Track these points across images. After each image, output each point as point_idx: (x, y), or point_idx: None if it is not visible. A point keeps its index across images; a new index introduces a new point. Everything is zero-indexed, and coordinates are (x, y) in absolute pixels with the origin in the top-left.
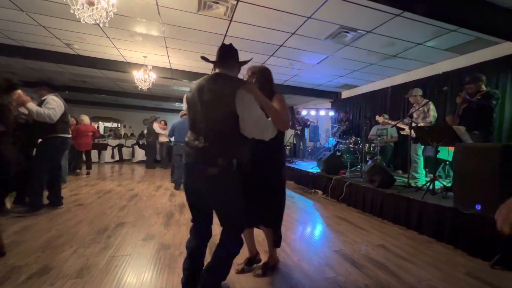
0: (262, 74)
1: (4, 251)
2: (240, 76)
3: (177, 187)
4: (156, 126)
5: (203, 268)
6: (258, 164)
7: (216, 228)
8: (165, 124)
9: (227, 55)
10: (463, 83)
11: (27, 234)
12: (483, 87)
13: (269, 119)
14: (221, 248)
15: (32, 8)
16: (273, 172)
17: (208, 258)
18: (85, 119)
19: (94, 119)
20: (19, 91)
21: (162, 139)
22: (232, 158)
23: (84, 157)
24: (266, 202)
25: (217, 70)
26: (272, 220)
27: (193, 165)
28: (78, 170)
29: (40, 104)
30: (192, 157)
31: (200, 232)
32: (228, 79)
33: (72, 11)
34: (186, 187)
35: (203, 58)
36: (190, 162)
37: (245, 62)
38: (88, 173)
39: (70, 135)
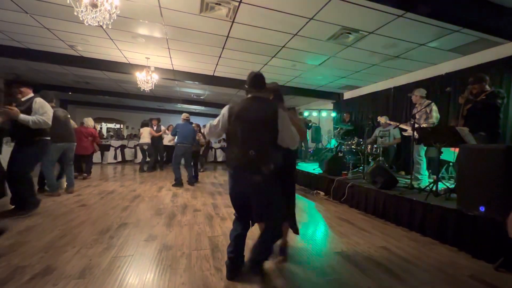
0: (276, 91)
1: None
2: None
3: (178, 185)
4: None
5: (252, 245)
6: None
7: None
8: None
9: (260, 81)
10: (467, 83)
11: (31, 234)
12: (487, 87)
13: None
14: (262, 240)
15: (36, 10)
16: (289, 174)
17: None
18: (89, 122)
19: (97, 120)
20: (6, 108)
21: (142, 140)
22: (272, 165)
23: (83, 162)
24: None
25: (250, 94)
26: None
27: (242, 173)
28: (74, 173)
29: (22, 104)
30: (241, 166)
31: (243, 224)
32: (267, 101)
33: (75, 13)
34: (233, 191)
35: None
36: (239, 171)
37: (270, 87)
38: (84, 178)
39: (50, 138)
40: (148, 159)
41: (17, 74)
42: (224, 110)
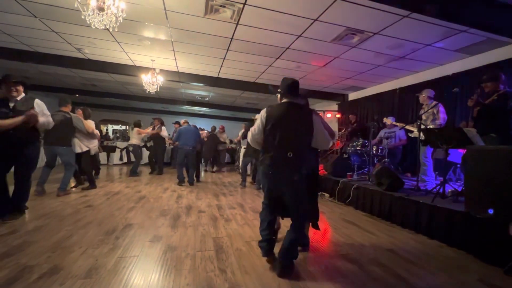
0: (307, 97)
1: None
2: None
3: (180, 183)
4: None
5: (280, 250)
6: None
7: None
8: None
9: (297, 88)
10: (480, 81)
11: (39, 234)
12: (501, 87)
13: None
14: (291, 235)
15: (45, 15)
16: (313, 173)
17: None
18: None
19: (103, 122)
20: (35, 112)
21: (132, 141)
22: (308, 165)
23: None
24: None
25: (286, 100)
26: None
27: (281, 173)
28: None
29: (21, 102)
30: (281, 167)
31: (272, 214)
32: (303, 107)
33: (83, 17)
34: (270, 188)
35: (271, 86)
36: (278, 170)
37: (304, 93)
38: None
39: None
40: (147, 160)
41: (8, 74)
42: (261, 115)
